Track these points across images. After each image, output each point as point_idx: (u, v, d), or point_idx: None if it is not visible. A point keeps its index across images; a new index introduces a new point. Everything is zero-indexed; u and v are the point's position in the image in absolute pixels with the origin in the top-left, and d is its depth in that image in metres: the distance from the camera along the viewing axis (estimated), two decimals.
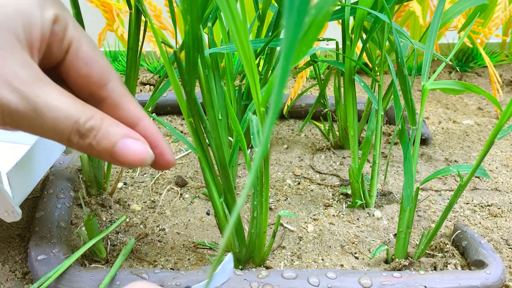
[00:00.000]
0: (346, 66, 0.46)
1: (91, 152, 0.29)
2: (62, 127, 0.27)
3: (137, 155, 0.29)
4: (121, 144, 0.29)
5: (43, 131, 0.28)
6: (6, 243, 0.45)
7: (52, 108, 0.27)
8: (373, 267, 0.43)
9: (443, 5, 0.39)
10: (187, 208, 0.51)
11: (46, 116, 0.27)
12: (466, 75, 0.92)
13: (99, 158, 0.30)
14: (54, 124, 0.27)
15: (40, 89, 0.27)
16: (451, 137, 0.69)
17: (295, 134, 0.69)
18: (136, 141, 0.30)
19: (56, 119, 0.27)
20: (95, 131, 0.28)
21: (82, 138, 0.28)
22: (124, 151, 0.29)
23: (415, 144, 0.41)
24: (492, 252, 0.41)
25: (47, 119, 0.27)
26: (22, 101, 0.26)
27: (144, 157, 0.30)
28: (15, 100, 0.26)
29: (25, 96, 0.26)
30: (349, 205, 0.52)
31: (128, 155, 0.29)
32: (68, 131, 0.28)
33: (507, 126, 0.36)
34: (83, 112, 0.28)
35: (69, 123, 0.27)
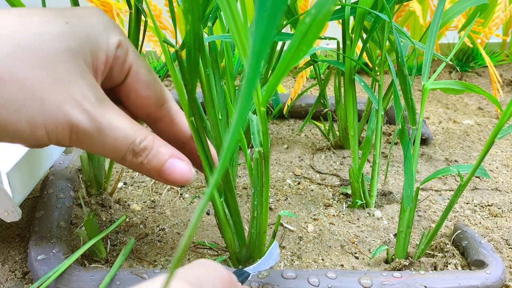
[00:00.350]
0: (346, 66, 0.46)
1: (141, 169, 0.32)
2: (120, 146, 0.30)
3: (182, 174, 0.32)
4: (168, 164, 0.31)
5: (103, 149, 0.30)
6: (6, 243, 0.45)
7: (114, 128, 0.29)
8: (373, 267, 0.43)
9: (443, 5, 0.39)
10: (187, 208, 0.51)
11: (108, 136, 0.29)
12: (466, 75, 0.92)
13: (147, 175, 0.33)
14: (113, 143, 0.29)
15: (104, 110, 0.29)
16: (451, 137, 0.69)
17: (295, 134, 0.69)
18: (181, 162, 0.32)
19: (116, 139, 0.29)
20: (147, 151, 0.31)
21: (135, 157, 0.30)
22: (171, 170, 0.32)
23: (415, 144, 0.41)
24: (492, 252, 0.41)
25: (108, 138, 0.29)
26: (89, 121, 0.28)
27: (188, 176, 0.32)
28: (84, 120, 0.28)
29: (92, 116, 0.28)
30: (349, 205, 0.52)
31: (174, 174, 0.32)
32: (124, 150, 0.30)
33: (507, 126, 0.36)
34: (138, 133, 0.30)
35: (127, 143, 0.30)
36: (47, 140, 0.28)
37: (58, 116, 0.27)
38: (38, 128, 0.27)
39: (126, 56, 0.31)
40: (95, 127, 0.28)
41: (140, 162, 0.31)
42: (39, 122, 0.27)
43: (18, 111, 0.26)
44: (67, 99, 0.27)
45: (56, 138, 0.28)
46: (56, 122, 0.27)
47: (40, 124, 0.27)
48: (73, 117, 0.27)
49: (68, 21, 0.28)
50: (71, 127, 0.28)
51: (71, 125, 0.28)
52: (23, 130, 0.27)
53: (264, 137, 0.33)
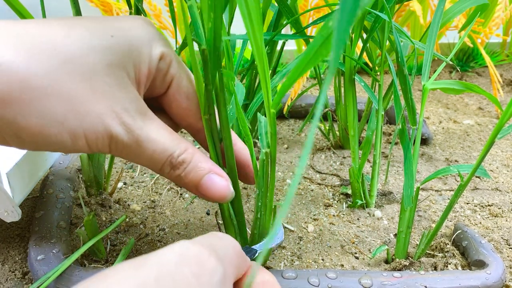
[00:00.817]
0: (346, 65, 0.46)
1: (179, 182, 0.32)
2: (157, 158, 0.30)
3: (219, 191, 0.32)
4: (206, 179, 0.32)
5: (140, 160, 0.30)
6: (5, 243, 0.45)
7: (152, 141, 0.30)
8: (373, 267, 0.43)
9: (443, 5, 0.39)
10: (187, 208, 0.51)
11: (146, 148, 0.30)
12: (466, 74, 0.92)
13: (187, 188, 0.33)
14: (151, 156, 0.30)
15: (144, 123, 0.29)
16: (451, 137, 0.69)
17: (295, 134, 0.69)
18: (220, 178, 0.32)
19: (153, 151, 0.30)
20: (185, 164, 0.31)
21: (173, 169, 0.31)
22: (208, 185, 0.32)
23: (415, 144, 0.41)
24: (493, 252, 0.41)
25: (146, 150, 0.30)
26: (128, 134, 0.29)
27: (225, 193, 0.32)
28: (122, 133, 0.29)
29: (130, 129, 0.29)
30: (349, 205, 0.52)
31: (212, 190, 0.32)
32: (162, 162, 0.30)
33: (507, 126, 0.36)
34: (177, 146, 0.31)
35: (164, 156, 0.30)
36: (88, 149, 0.29)
37: (98, 128, 0.28)
38: (79, 138, 0.28)
39: (168, 68, 0.32)
40: (133, 139, 0.29)
41: (177, 175, 0.31)
42: (80, 133, 0.28)
43: (61, 123, 0.27)
44: (107, 111, 0.28)
45: (97, 148, 0.29)
46: (97, 133, 0.28)
47: (81, 135, 0.28)
48: (112, 129, 0.28)
49: (113, 34, 0.29)
50: (111, 138, 0.29)
51: (111, 137, 0.29)
52: (65, 140, 0.28)
53: (272, 138, 0.33)
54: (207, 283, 0.22)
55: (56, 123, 0.27)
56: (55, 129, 0.27)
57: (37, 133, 0.27)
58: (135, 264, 0.21)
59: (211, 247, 0.24)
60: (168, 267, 0.21)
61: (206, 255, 0.23)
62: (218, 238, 0.26)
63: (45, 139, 0.27)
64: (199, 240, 0.25)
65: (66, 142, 0.28)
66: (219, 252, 0.24)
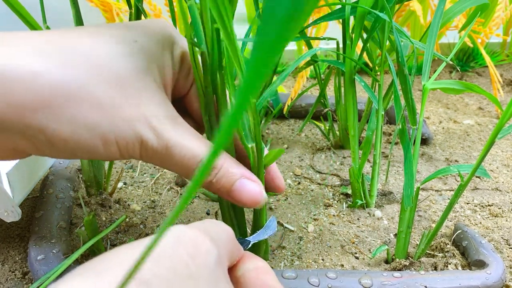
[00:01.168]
0: (346, 65, 0.46)
1: (211, 188, 0.32)
2: (188, 163, 0.30)
3: (252, 196, 0.31)
4: (238, 184, 0.31)
5: (171, 166, 0.30)
6: (5, 243, 0.45)
7: (182, 146, 0.29)
8: (373, 267, 0.43)
9: (443, 5, 0.39)
10: (187, 208, 0.51)
11: (176, 153, 0.29)
12: (466, 74, 0.92)
13: (219, 195, 0.33)
14: (181, 161, 0.30)
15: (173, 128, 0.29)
16: (451, 137, 0.69)
17: (295, 134, 0.69)
18: (252, 182, 0.32)
19: (184, 157, 0.30)
20: (216, 170, 0.31)
21: None
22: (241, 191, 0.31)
23: (415, 144, 0.41)
24: (493, 252, 0.41)
25: (176, 156, 0.29)
26: (158, 139, 0.29)
27: (258, 198, 0.32)
28: (153, 138, 0.29)
29: (160, 135, 0.29)
30: (350, 205, 0.52)
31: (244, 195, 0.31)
32: (192, 168, 0.30)
33: (507, 126, 0.36)
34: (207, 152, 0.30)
35: (195, 161, 0.30)
36: (120, 156, 0.29)
37: (128, 134, 0.28)
38: (111, 144, 0.28)
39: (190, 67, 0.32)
40: (163, 145, 0.29)
41: (209, 181, 0.31)
42: (111, 139, 0.28)
43: (92, 129, 0.27)
44: (137, 117, 0.28)
45: (128, 154, 0.29)
46: (127, 139, 0.28)
47: (112, 141, 0.28)
48: (143, 135, 0.28)
49: (136, 39, 0.29)
50: (141, 143, 0.29)
51: (141, 142, 0.29)
52: (98, 146, 0.28)
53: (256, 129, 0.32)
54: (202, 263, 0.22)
55: (88, 128, 0.27)
56: (87, 135, 0.27)
57: (69, 140, 0.27)
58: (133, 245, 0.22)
59: (206, 231, 0.24)
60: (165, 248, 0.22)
61: (201, 237, 0.23)
62: (213, 223, 0.27)
63: (78, 145, 0.27)
64: (195, 225, 0.25)
65: (98, 148, 0.28)
66: (214, 236, 0.25)
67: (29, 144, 0.28)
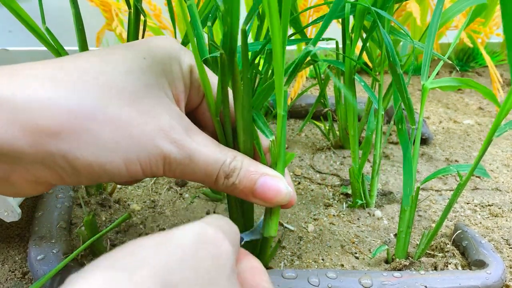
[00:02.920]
0: (346, 65, 0.46)
1: (235, 191, 0.32)
2: (211, 170, 0.30)
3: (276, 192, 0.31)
4: (260, 182, 0.31)
5: (195, 175, 0.30)
6: (5, 243, 0.45)
7: (204, 154, 0.30)
8: (373, 267, 0.43)
9: (442, 5, 0.39)
10: (187, 208, 0.51)
11: (199, 162, 0.30)
12: (466, 74, 0.92)
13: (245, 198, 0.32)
14: (205, 169, 0.30)
15: (192, 138, 0.30)
16: (451, 137, 0.69)
17: (295, 134, 0.69)
18: (274, 178, 0.32)
19: (207, 164, 0.30)
20: (237, 171, 0.31)
21: (227, 178, 0.31)
22: (264, 189, 0.31)
23: (415, 143, 0.41)
24: (493, 252, 0.41)
25: (199, 164, 0.30)
26: (180, 150, 0.29)
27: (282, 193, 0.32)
28: (174, 150, 0.29)
29: (181, 145, 0.29)
30: (350, 205, 0.52)
31: (268, 193, 0.31)
32: (216, 173, 0.30)
33: (504, 124, 0.36)
34: (227, 155, 0.31)
35: (217, 166, 0.30)
36: (142, 174, 0.29)
37: (150, 150, 0.28)
38: (133, 163, 0.28)
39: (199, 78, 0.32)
40: (186, 156, 0.29)
41: (232, 183, 0.31)
42: (133, 158, 0.28)
43: (114, 150, 0.27)
44: (156, 132, 0.28)
45: (151, 171, 0.29)
46: (150, 155, 0.28)
47: (134, 160, 0.28)
48: (164, 148, 0.28)
49: (144, 56, 0.29)
50: (164, 158, 0.29)
51: (164, 157, 0.29)
52: (120, 167, 0.28)
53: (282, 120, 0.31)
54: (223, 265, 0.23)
55: (109, 150, 0.27)
56: (109, 156, 0.27)
57: (92, 163, 0.27)
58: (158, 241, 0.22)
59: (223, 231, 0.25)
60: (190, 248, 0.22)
61: (221, 238, 0.24)
62: (226, 222, 0.27)
63: (101, 168, 0.27)
64: (213, 222, 0.25)
65: (121, 169, 0.28)
66: (229, 236, 0.25)
67: (52, 174, 0.27)
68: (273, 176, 0.32)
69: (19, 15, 0.37)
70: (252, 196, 0.32)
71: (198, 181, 0.31)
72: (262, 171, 0.31)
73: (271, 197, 0.31)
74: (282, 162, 0.33)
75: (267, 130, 0.33)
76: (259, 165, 0.32)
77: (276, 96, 0.30)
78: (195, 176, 0.31)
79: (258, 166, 0.32)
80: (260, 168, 0.32)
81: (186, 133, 0.30)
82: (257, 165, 0.32)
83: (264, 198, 0.32)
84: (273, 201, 0.32)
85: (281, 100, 0.30)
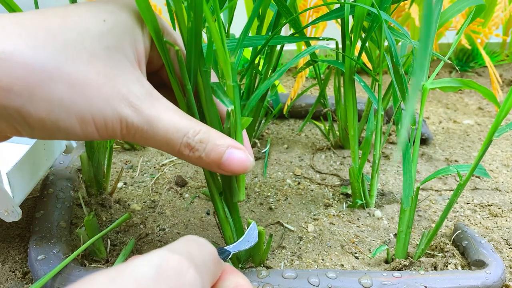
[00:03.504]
0: (346, 65, 0.46)
1: (200, 163, 0.32)
2: (172, 138, 0.30)
3: (241, 163, 0.32)
4: (227, 155, 0.31)
5: (155, 142, 0.30)
6: (6, 243, 0.45)
7: (163, 121, 0.29)
8: (373, 267, 0.43)
9: (440, 5, 0.39)
10: (187, 208, 0.51)
11: (158, 129, 0.29)
12: (466, 75, 0.92)
13: (207, 168, 0.32)
14: (165, 136, 0.29)
15: (152, 104, 0.29)
16: (451, 137, 0.69)
17: (295, 134, 0.69)
18: (238, 150, 0.32)
19: (167, 132, 0.29)
20: (204, 144, 0.31)
21: (193, 151, 0.31)
22: (230, 161, 0.31)
23: (415, 143, 0.41)
24: (493, 252, 0.41)
25: (159, 131, 0.29)
26: (138, 115, 0.28)
27: (246, 165, 0.32)
28: (131, 114, 0.28)
29: (139, 110, 0.29)
30: (349, 205, 0.52)
31: (233, 165, 0.31)
32: (178, 143, 0.30)
33: (505, 125, 0.36)
34: (190, 126, 0.30)
35: (179, 136, 0.30)
36: (98, 136, 0.29)
37: (106, 112, 0.28)
38: (88, 124, 0.28)
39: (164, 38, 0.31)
40: (144, 121, 0.29)
41: (198, 156, 0.31)
42: (89, 118, 0.27)
43: (68, 107, 0.27)
44: (114, 94, 0.28)
45: (107, 133, 0.29)
46: (105, 117, 0.28)
47: (89, 120, 0.28)
48: (121, 112, 0.28)
49: (105, 18, 0.28)
50: (120, 121, 0.28)
51: (120, 120, 0.28)
52: (74, 125, 0.28)
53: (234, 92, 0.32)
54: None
55: (64, 107, 0.27)
56: (63, 114, 0.27)
57: (45, 119, 0.27)
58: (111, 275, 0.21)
59: (190, 257, 0.23)
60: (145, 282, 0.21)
61: (185, 267, 0.23)
62: (196, 244, 0.26)
63: (54, 125, 0.27)
64: (178, 249, 0.24)
65: (75, 128, 0.28)
66: (198, 262, 0.24)
67: (7, 126, 0.27)
68: (238, 148, 0.32)
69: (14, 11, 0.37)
70: (218, 167, 0.32)
71: (161, 149, 0.31)
72: (228, 143, 0.31)
73: (236, 169, 0.32)
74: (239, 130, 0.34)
75: (227, 100, 0.33)
76: (225, 138, 0.32)
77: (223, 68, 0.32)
78: (156, 143, 0.30)
79: (224, 138, 0.32)
80: (226, 140, 0.32)
81: (146, 98, 0.29)
82: (223, 137, 0.32)
83: (230, 170, 0.32)
84: (238, 172, 0.32)
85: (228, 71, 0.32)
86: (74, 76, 0.27)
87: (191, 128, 0.30)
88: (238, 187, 0.36)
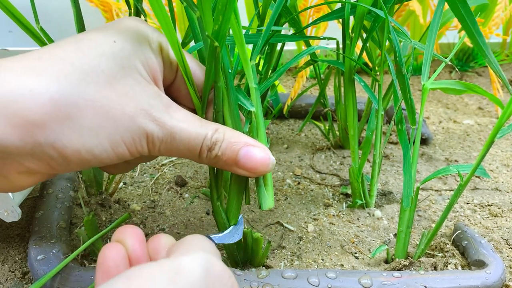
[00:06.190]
0: (346, 65, 0.46)
1: (218, 163, 0.32)
2: (194, 144, 0.31)
3: (259, 161, 0.32)
4: (243, 152, 0.31)
5: (179, 151, 0.31)
6: (5, 243, 0.45)
7: (185, 129, 0.30)
8: (373, 267, 0.43)
9: (443, 5, 0.39)
10: (187, 208, 0.51)
11: (181, 137, 0.30)
12: (466, 74, 0.92)
13: (228, 169, 0.33)
14: (187, 144, 0.30)
15: (171, 115, 0.30)
16: (451, 137, 0.69)
17: (295, 134, 0.69)
18: (257, 148, 0.32)
19: (189, 139, 0.30)
20: (219, 143, 0.31)
21: (210, 151, 0.31)
22: (247, 158, 0.31)
23: (415, 143, 0.41)
24: (493, 252, 0.41)
25: (182, 140, 0.30)
26: (161, 128, 0.29)
27: (266, 162, 0.32)
28: (156, 128, 0.29)
29: (162, 123, 0.29)
30: (349, 205, 0.52)
31: (251, 162, 0.32)
32: (198, 148, 0.31)
33: (507, 126, 0.36)
34: (208, 128, 0.31)
35: (199, 141, 0.31)
36: (129, 154, 0.30)
37: (133, 130, 0.29)
38: (118, 145, 0.29)
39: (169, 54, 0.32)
40: (167, 133, 0.30)
41: (215, 155, 0.31)
42: (118, 139, 0.28)
43: (98, 134, 0.28)
44: (137, 112, 0.29)
45: (137, 151, 0.30)
46: (133, 135, 0.29)
47: (119, 141, 0.29)
48: (146, 127, 0.29)
49: (115, 39, 0.29)
50: (147, 137, 0.29)
51: (146, 135, 0.29)
52: (107, 150, 0.28)
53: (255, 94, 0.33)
54: None
55: (93, 134, 0.28)
56: (96, 140, 0.28)
57: (81, 149, 0.28)
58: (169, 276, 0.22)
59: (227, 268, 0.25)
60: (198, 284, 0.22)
61: (227, 275, 0.24)
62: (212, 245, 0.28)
63: (89, 153, 0.28)
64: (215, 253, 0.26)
65: (108, 151, 0.28)
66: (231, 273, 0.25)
67: (42, 164, 0.28)
68: (256, 146, 0.32)
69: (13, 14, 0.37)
70: (236, 166, 0.32)
71: (183, 156, 0.31)
72: (244, 141, 0.32)
73: (255, 166, 0.32)
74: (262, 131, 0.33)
75: (248, 102, 0.33)
76: (241, 135, 0.32)
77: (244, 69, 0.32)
78: (179, 152, 0.31)
79: (240, 136, 0.32)
80: (242, 138, 0.32)
81: (166, 110, 0.30)
82: (239, 135, 0.32)
83: (248, 168, 0.32)
84: (258, 171, 0.32)
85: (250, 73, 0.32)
86: (98, 102, 0.27)
87: (209, 130, 0.31)
88: (267, 191, 0.35)
